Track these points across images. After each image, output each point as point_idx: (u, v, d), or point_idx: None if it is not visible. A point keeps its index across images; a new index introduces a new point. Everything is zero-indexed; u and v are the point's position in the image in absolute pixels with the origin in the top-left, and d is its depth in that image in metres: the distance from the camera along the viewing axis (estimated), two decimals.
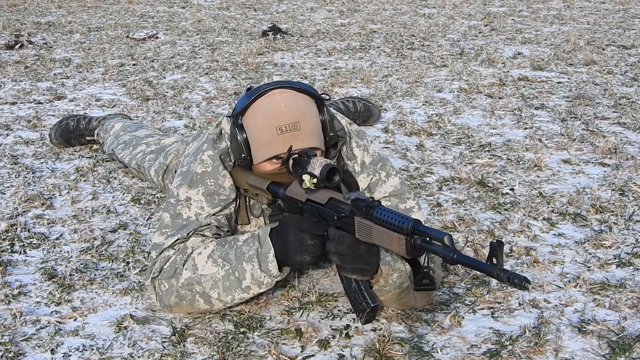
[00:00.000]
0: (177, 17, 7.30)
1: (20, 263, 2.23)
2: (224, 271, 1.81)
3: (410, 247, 1.51)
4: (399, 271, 1.77)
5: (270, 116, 1.80)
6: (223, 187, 1.93)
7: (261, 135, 1.81)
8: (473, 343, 1.84)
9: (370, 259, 1.69)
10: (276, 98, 1.82)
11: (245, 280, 1.80)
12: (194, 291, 1.84)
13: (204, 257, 1.83)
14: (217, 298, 1.83)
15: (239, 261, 1.80)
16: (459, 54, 5.53)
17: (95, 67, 4.98)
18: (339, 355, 1.78)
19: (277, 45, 5.80)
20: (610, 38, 6.31)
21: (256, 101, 1.83)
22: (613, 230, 2.49)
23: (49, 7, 7.85)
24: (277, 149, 1.81)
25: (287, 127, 1.78)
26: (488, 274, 1.40)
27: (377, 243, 1.60)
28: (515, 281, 1.34)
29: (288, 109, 1.80)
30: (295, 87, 1.85)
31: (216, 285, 1.82)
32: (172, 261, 1.86)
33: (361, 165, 2.00)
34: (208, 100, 4.16)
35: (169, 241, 1.88)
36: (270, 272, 1.78)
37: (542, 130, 3.64)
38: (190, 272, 1.83)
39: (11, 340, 1.81)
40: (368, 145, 2.02)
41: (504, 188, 2.89)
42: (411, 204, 2.00)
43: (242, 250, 1.80)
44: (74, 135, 3.25)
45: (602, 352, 1.80)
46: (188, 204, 1.92)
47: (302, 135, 1.80)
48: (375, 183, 2.00)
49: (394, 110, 3.99)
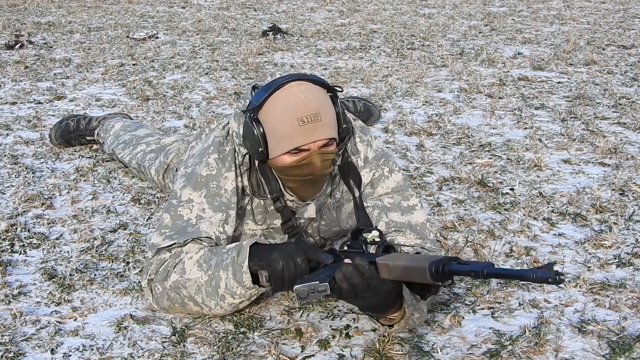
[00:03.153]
0: (177, 17, 7.30)
1: (20, 263, 2.23)
2: (207, 276, 1.79)
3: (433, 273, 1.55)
4: (420, 310, 1.76)
5: (290, 108, 1.78)
6: (225, 189, 1.92)
7: (282, 128, 1.79)
8: (473, 343, 1.84)
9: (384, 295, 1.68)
10: (294, 90, 1.80)
11: (220, 289, 1.78)
12: (182, 295, 1.83)
13: (193, 261, 1.82)
14: (202, 303, 1.82)
15: (217, 268, 1.78)
16: (459, 54, 5.54)
17: (95, 67, 4.98)
18: (339, 355, 1.78)
19: (277, 45, 5.80)
20: (610, 38, 6.31)
21: (273, 94, 1.81)
22: (613, 230, 2.49)
23: (49, 7, 7.85)
24: (299, 140, 1.79)
25: (309, 118, 1.77)
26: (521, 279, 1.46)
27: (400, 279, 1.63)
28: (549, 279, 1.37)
29: (308, 100, 1.78)
30: (311, 79, 1.84)
31: (200, 290, 1.81)
32: (166, 264, 1.85)
33: (364, 160, 2.00)
34: (208, 100, 4.16)
35: (165, 243, 1.86)
36: (242, 283, 1.75)
37: (542, 130, 3.64)
38: (178, 276, 1.82)
39: (11, 340, 1.81)
40: (371, 141, 2.02)
41: (504, 188, 2.89)
42: (414, 202, 2.00)
43: (222, 257, 1.79)
44: (74, 136, 3.25)
45: (602, 352, 1.80)
46: (190, 205, 1.91)
47: (323, 125, 1.79)
48: (377, 178, 2.00)
49: (394, 110, 3.99)
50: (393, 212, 1.97)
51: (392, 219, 1.97)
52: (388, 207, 1.98)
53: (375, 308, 1.73)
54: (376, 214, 1.98)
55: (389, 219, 1.97)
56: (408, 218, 1.97)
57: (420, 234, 1.96)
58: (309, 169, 1.83)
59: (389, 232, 1.95)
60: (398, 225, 1.96)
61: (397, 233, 1.95)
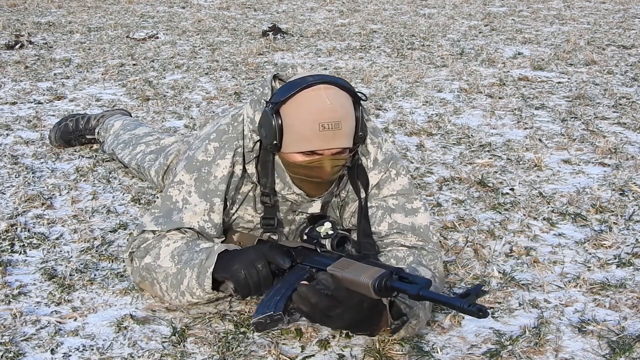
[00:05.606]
0: (177, 17, 7.31)
1: (20, 263, 2.23)
2: (176, 269, 1.86)
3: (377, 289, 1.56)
4: (417, 317, 1.76)
5: (315, 111, 1.77)
6: (215, 176, 1.93)
7: (301, 128, 1.78)
8: (473, 343, 1.84)
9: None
10: (322, 93, 1.79)
11: (182, 285, 1.85)
12: (152, 276, 1.90)
13: (169, 249, 1.88)
14: (165, 291, 1.89)
15: (185, 265, 1.84)
16: (459, 54, 5.54)
17: (95, 67, 4.98)
18: (339, 355, 1.78)
19: (277, 45, 5.80)
20: (610, 38, 6.31)
21: (300, 92, 1.80)
22: (613, 230, 2.49)
23: (49, 7, 7.85)
24: (316, 144, 1.79)
25: (330, 126, 1.76)
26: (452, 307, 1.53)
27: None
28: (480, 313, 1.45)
29: (333, 106, 1.77)
30: (340, 84, 1.83)
31: (166, 279, 1.87)
32: (147, 244, 1.93)
33: (374, 162, 2.00)
34: (208, 100, 4.16)
35: (150, 226, 1.93)
36: (203, 286, 1.81)
37: (542, 130, 3.64)
38: (152, 259, 1.89)
39: (11, 340, 1.81)
40: (382, 144, 2.02)
41: (504, 188, 2.89)
42: (417, 205, 2.01)
43: (192, 256, 1.84)
44: (74, 136, 3.25)
45: (602, 352, 1.80)
46: (180, 186, 1.95)
47: (342, 134, 1.79)
48: (384, 180, 2.00)
49: (394, 110, 3.99)
50: (397, 213, 1.98)
51: (395, 220, 1.97)
52: (392, 208, 1.98)
53: (361, 324, 1.69)
54: (380, 214, 1.98)
55: (392, 219, 1.97)
56: (412, 220, 1.98)
57: (423, 236, 1.97)
58: (318, 172, 1.84)
59: (390, 233, 1.96)
60: (400, 227, 1.96)
61: (398, 235, 1.96)
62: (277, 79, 1.95)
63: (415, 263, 1.88)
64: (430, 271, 1.88)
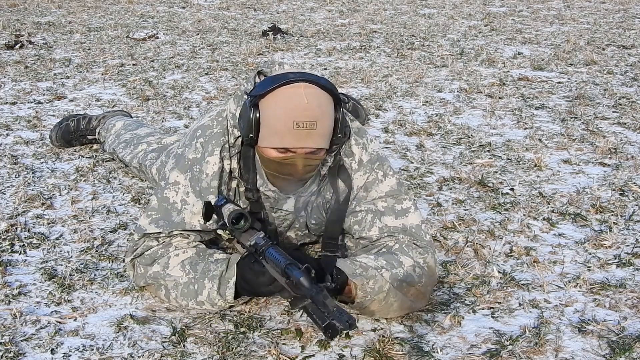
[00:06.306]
0: (177, 17, 7.31)
1: (20, 263, 2.23)
2: (187, 279, 1.90)
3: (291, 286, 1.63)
4: (373, 278, 1.81)
5: (290, 108, 1.76)
6: (206, 173, 1.95)
7: (276, 123, 1.78)
8: (473, 343, 1.84)
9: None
10: (300, 92, 1.77)
11: (201, 296, 1.90)
12: (159, 283, 1.94)
13: (178, 259, 1.92)
14: (174, 298, 1.94)
15: (202, 276, 1.89)
16: (459, 54, 5.54)
17: (95, 67, 4.98)
18: (339, 355, 1.78)
19: (277, 45, 5.80)
20: (610, 38, 6.31)
21: (279, 88, 1.79)
22: (613, 230, 2.49)
23: (49, 7, 7.85)
24: (288, 142, 1.78)
25: (305, 124, 1.75)
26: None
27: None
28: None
29: (310, 105, 1.76)
30: (321, 84, 1.82)
31: (176, 287, 1.92)
32: (153, 251, 1.94)
33: (358, 163, 1.99)
34: (208, 100, 4.16)
35: (151, 229, 1.94)
36: (225, 297, 1.88)
37: (542, 130, 3.64)
38: (160, 268, 1.92)
39: (11, 340, 1.81)
40: (367, 144, 2.01)
41: (504, 188, 2.89)
42: (407, 205, 2.00)
43: (209, 267, 1.89)
44: (75, 136, 3.25)
45: (602, 352, 1.80)
46: (176, 188, 1.96)
47: (316, 134, 1.78)
48: (371, 182, 1.99)
49: (394, 110, 3.99)
50: (387, 216, 1.97)
51: (386, 224, 1.96)
52: (382, 211, 1.97)
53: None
54: (370, 219, 1.97)
55: (382, 223, 1.96)
56: (402, 221, 1.97)
57: (415, 236, 1.96)
58: (290, 169, 1.84)
59: (382, 237, 1.96)
60: (391, 230, 1.96)
61: (389, 238, 1.95)
62: (261, 75, 1.94)
63: (400, 251, 1.92)
64: (412, 260, 1.90)
